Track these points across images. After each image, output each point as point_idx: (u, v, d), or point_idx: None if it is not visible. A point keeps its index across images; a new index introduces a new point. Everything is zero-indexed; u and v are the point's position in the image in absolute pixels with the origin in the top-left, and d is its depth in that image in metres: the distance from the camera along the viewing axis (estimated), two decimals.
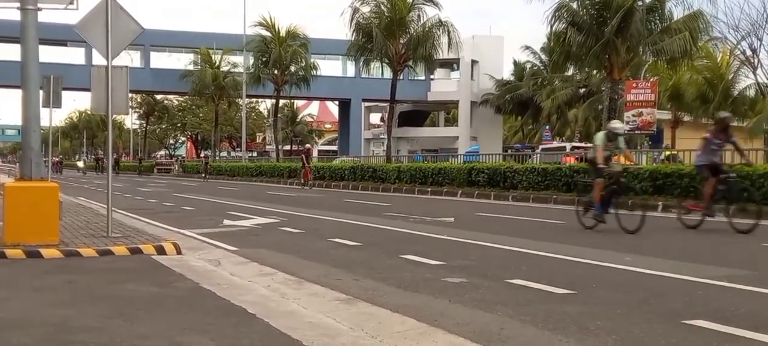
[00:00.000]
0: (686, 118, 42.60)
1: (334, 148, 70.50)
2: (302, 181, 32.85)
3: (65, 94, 19.56)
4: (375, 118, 68.03)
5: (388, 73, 37.28)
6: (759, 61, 32.09)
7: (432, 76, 54.05)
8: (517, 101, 53.98)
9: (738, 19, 30.93)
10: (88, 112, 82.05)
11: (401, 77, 37.58)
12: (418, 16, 34.07)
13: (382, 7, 33.85)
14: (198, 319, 5.50)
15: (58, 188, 9.39)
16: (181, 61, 56.56)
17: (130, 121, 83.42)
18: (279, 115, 51.43)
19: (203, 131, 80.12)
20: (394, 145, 36.31)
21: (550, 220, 14.75)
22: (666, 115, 41.99)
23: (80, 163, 76.56)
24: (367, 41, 34.09)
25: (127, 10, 10.00)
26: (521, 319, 5.67)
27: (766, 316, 5.86)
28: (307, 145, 39.46)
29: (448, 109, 65.07)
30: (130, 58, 50.71)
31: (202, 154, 66.40)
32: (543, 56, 52.31)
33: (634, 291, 6.74)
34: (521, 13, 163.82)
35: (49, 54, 41.86)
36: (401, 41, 33.86)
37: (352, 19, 33.92)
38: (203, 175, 48.99)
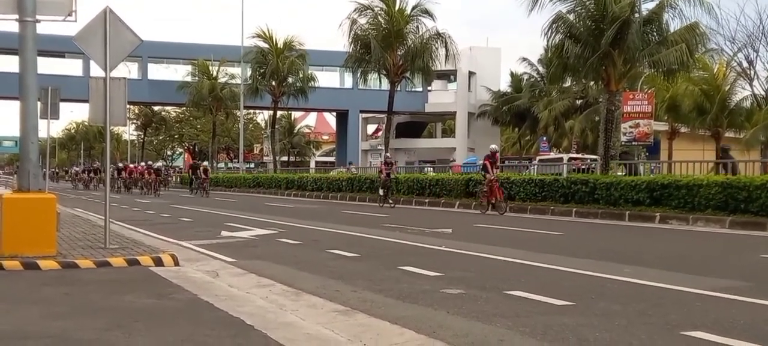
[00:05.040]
0: (683, 130, 42.62)
1: (332, 159, 70.48)
2: (485, 202, 20.90)
3: (63, 105, 19.51)
4: (372, 129, 68.03)
5: (385, 85, 37.37)
6: (755, 72, 32.24)
7: (429, 88, 54.21)
8: (515, 112, 54.09)
9: (734, 31, 31.05)
10: (86, 124, 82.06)
11: (399, 89, 37.67)
12: (416, 27, 34.23)
13: (380, 19, 33.98)
14: (196, 331, 5.49)
15: (55, 200, 9.39)
16: (179, 72, 56.55)
17: (128, 132, 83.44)
18: (276, 127, 51.38)
19: (201, 142, 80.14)
20: (392, 156, 36.22)
21: (548, 231, 14.75)
22: (663, 126, 42.04)
23: None
24: (365, 53, 34.19)
25: (125, 22, 10.01)
26: (520, 331, 5.66)
27: (763, 327, 5.85)
28: (493, 146, 23.16)
29: (445, 121, 65.17)
30: (128, 70, 50.73)
31: (383, 163, 27.96)
32: (540, 68, 52.34)
33: (632, 302, 6.73)
34: (519, 25, 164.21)
35: (46, 65, 41.79)
36: (399, 53, 33.97)
37: (350, 31, 34.01)
38: (382, 200, 25.18)
